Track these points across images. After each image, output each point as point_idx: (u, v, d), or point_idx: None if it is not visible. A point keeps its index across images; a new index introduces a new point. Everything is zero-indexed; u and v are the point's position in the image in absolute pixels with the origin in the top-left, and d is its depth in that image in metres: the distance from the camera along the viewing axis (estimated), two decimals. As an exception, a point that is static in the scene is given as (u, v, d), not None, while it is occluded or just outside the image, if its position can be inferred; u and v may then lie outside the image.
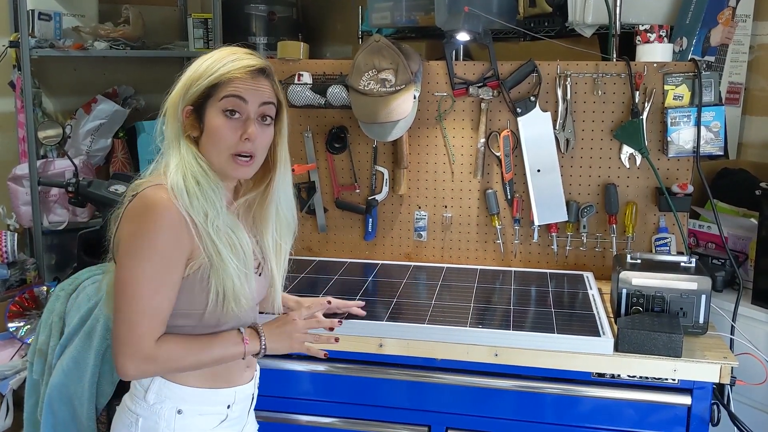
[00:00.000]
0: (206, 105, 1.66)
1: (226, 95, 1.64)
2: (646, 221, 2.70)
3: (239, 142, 1.65)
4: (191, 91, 1.66)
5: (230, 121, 1.65)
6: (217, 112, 1.65)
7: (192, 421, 1.73)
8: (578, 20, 2.72)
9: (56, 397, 2.51)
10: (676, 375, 2.04)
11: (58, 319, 2.66)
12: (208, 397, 1.74)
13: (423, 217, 2.86)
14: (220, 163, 1.67)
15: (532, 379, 2.15)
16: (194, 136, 1.68)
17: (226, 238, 1.65)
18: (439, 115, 2.79)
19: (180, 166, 1.64)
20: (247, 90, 1.66)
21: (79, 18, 4.06)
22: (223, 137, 1.65)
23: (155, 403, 1.71)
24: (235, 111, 1.65)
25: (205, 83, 1.64)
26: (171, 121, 1.69)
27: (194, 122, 1.67)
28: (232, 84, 1.65)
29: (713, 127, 2.56)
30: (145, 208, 1.60)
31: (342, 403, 2.29)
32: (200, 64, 1.68)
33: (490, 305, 2.38)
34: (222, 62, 1.66)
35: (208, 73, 1.65)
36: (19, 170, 3.79)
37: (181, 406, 1.71)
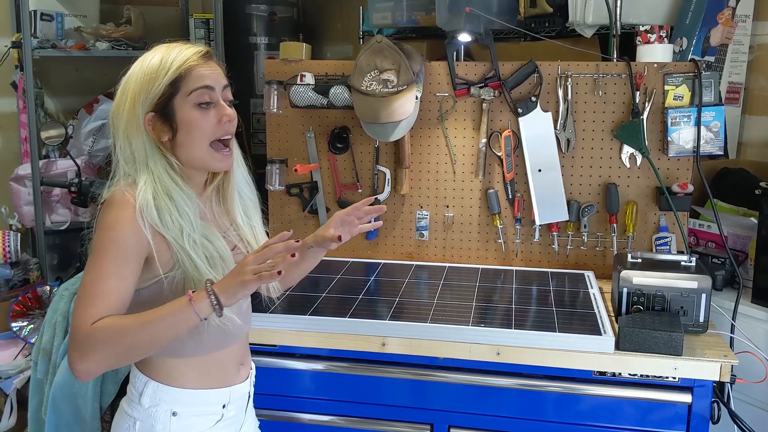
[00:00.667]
0: (172, 103, 1.61)
1: (195, 88, 1.61)
2: (647, 220, 2.71)
3: (218, 128, 1.64)
4: (150, 95, 1.60)
5: (205, 111, 1.63)
6: (189, 106, 1.62)
7: (188, 422, 1.72)
8: (579, 21, 2.72)
9: (60, 397, 2.52)
10: (677, 373, 2.05)
11: (62, 319, 2.66)
12: (203, 398, 1.73)
13: (425, 216, 2.87)
14: (201, 157, 1.65)
15: (533, 378, 2.17)
16: (165, 139, 1.64)
17: (202, 250, 1.63)
18: (440, 115, 2.80)
19: (149, 183, 1.60)
20: (210, 76, 1.63)
21: (81, 18, 4.05)
22: (202, 129, 1.63)
23: (150, 407, 1.70)
24: (208, 101, 1.63)
25: (165, 82, 1.60)
26: (132, 135, 1.63)
27: (162, 125, 1.63)
28: (194, 74, 1.61)
29: (713, 127, 2.57)
30: (108, 208, 1.57)
31: (344, 401, 2.30)
32: (147, 66, 1.62)
33: (491, 304, 2.39)
34: (171, 56, 1.61)
35: (163, 71, 1.60)
36: (21, 170, 3.79)
37: (176, 408, 1.70)
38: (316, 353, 2.26)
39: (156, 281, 1.62)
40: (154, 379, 1.71)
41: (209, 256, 1.63)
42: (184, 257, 1.60)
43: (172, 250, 1.60)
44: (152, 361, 1.71)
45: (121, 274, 1.54)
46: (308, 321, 2.24)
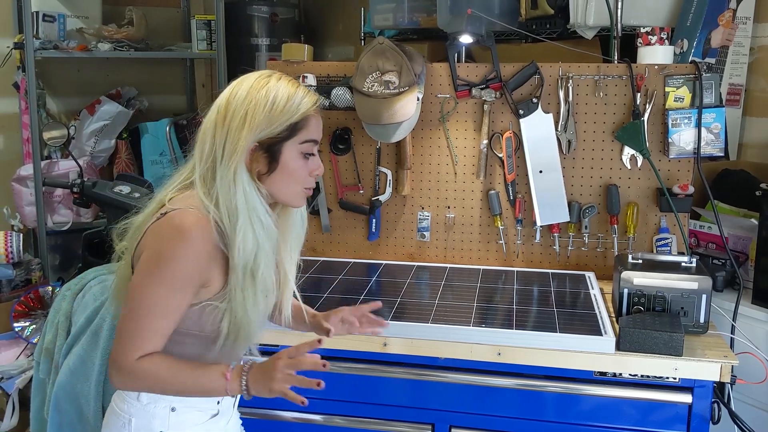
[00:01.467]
0: (282, 144, 1.64)
1: (307, 140, 1.66)
2: (647, 222, 2.72)
3: (308, 178, 1.70)
4: (268, 130, 1.62)
5: (307, 161, 1.68)
6: (296, 153, 1.66)
7: (186, 417, 1.74)
8: (579, 22, 2.73)
9: (63, 396, 2.53)
10: (677, 374, 2.06)
11: (64, 319, 2.67)
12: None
13: (426, 217, 2.88)
14: (288, 198, 1.70)
15: (534, 378, 2.18)
16: (260, 171, 1.66)
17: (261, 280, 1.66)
18: (442, 117, 2.81)
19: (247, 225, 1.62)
20: (318, 130, 1.69)
21: (83, 19, 4.07)
22: (299, 176, 1.68)
23: (149, 403, 1.72)
24: (312, 154, 1.69)
25: (287, 125, 1.63)
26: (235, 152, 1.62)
27: (262, 159, 1.65)
28: (309, 125, 1.66)
29: (714, 129, 2.58)
30: (176, 233, 1.58)
31: (346, 401, 2.30)
32: (273, 100, 1.63)
33: (492, 305, 2.40)
34: (298, 99, 1.64)
35: (288, 112, 1.63)
36: (23, 171, 3.80)
37: (174, 404, 1.72)
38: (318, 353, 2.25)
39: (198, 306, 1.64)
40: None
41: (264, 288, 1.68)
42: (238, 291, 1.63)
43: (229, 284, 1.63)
44: None
45: (176, 311, 1.61)
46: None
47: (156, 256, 1.59)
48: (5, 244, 3.30)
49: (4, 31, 3.97)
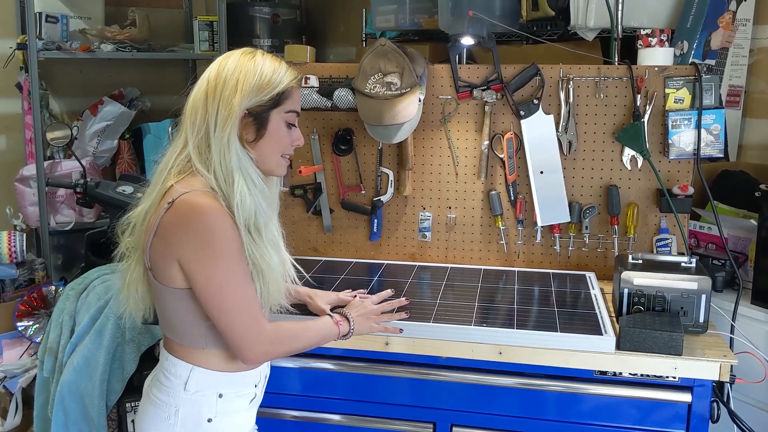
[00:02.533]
0: (269, 113, 1.78)
1: (290, 110, 1.81)
2: (648, 222, 2.73)
3: (289, 147, 1.84)
4: (257, 98, 1.74)
5: (290, 130, 1.83)
6: (280, 121, 1.80)
7: (232, 403, 1.82)
8: (580, 24, 2.74)
9: (67, 395, 2.54)
10: (677, 373, 2.07)
11: (68, 318, 2.69)
12: (240, 379, 1.83)
13: (427, 217, 2.90)
14: (271, 165, 1.82)
15: (535, 377, 2.19)
16: (248, 138, 1.77)
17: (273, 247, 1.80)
18: (443, 118, 2.83)
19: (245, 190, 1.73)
20: (299, 103, 1.86)
21: (86, 20, 4.08)
22: (284, 144, 1.82)
23: (197, 391, 1.78)
24: (293, 124, 1.84)
25: (274, 93, 1.76)
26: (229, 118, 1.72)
27: (251, 126, 1.77)
28: (293, 96, 1.81)
29: (713, 130, 2.59)
30: (200, 212, 1.67)
31: (348, 400, 2.32)
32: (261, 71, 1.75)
33: (493, 304, 2.41)
34: (279, 72, 1.78)
35: (275, 81, 1.76)
36: (26, 171, 3.81)
37: (222, 390, 1.80)
38: (320, 352, 2.27)
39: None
40: (200, 366, 1.79)
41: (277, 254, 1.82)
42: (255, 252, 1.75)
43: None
44: (195, 351, 1.79)
45: (249, 277, 1.74)
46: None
47: (201, 242, 1.67)
48: (9, 244, 3.32)
49: (7, 31, 3.98)
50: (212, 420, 1.79)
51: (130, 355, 2.58)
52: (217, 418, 1.80)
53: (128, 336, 2.58)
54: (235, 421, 1.84)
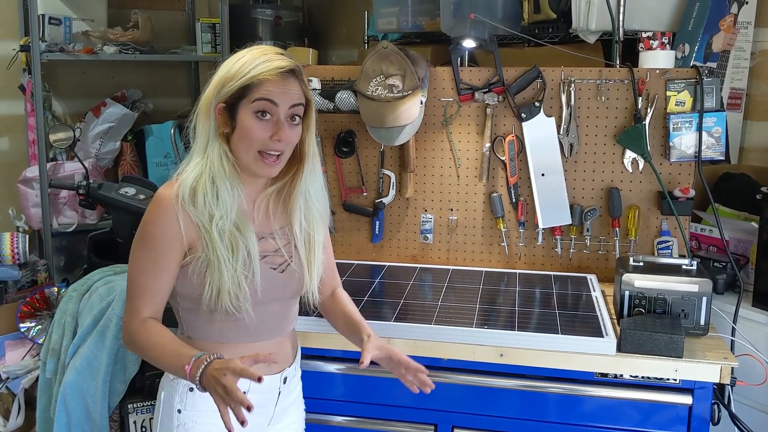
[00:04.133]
0: (239, 104, 1.71)
1: (258, 98, 1.69)
2: (649, 224, 2.74)
3: (269, 141, 1.71)
4: (224, 89, 1.72)
5: (261, 122, 1.71)
6: (249, 112, 1.71)
7: (202, 400, 1.76)
8: (582, 27, 2.74)
9: (70, 395, 2.55)
10: (678, 375, 2.08)
11: (71, 319, 2.70)
12: None
13: (429, 219, 2.90)
14: (248, 161, 1.73)
15: (536, 379, 2.19)
16: (226, 132, 1.74)
17: (229, 239, 1.72)
18: (445, 120, 2.83)
19: (199, 165, 1.73)
20: (278, 93, 1.70)
21: (89, 22, 4.08)
22: (254, 137, 1.71)
23: (174, 379, 1.82)
24: (265, 112, 1.71)
25: (238, 84, 1.69)
26: (203, 118, 1.75)
27: (226, 119, 1.73)
28: (264, 86, 1.69)
29: (714, 133, 2.60)
30: (151, 203, 1.75)
31: (349, 401, 2.33)
32: (233, 64, 1.73)
33: (495, 306, 2.42)
34: (254, 63, 1.70)
35: (240, 73, 1.70)
36: (29, 172, 3.81)
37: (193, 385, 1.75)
38: (322, 354, 2.29)
39: (185, 263, 1.74)
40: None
41: (234, 247, 1.72)
42: (209, 242, 1.71)
43: (200, 235, 1.71)
44: (185, 340, 1.81)
45: (157, 270, 1.73)
46: (314, 322, 2.26)
47: (139, 227, 1.75)
48: (11, 245, 3.32)
49: (10, 33, 3.98)
50: (181, 412, 1.80)
51: (132, 356, 2.59)
52: (186, 412, 1.80)
53: (130, 337, 2.58)
54: (207, 419, 1.80)
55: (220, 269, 1.70)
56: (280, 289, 1.84)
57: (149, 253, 1.73)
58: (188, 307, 1.79)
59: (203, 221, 1.70)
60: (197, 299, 1.75)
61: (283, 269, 1.83)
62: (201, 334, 1.81)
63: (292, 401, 2.00)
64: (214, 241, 1.70)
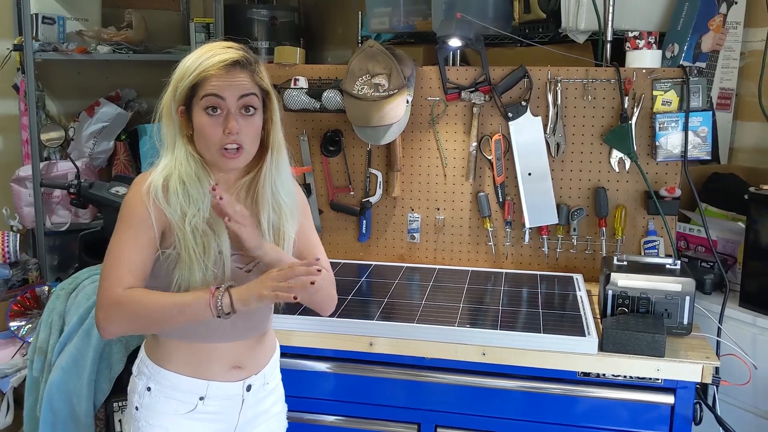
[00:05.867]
0: (192, 104, 1.71)
1: (205, 94, 1.68)
2: (636, 224, 2.74)
3: (223, 137, 1.69)
4: (178, 91, 1.71)
5: (212, 118, 1.69)
6: (200, 110, 1.69)
7: (158, 401, 1.78)
8: (571, 27, 2.75)
9: (56, 395, 2.55)
10: (660, 374, 2.08)
11: (58, 318, 2.70)
12: (178, 384, 1.78)
13: (416, 219, 2.90)
14: (211, 157, 1.72)
15: (518, 378, 2.19)
16: (189, 134, 1.73)
17: (201, 237, 1.70)
18: (432, 119, 2.84)
19: (168, 166, 1.73)
20: (223, 86, 1.68)
21: (83, 22, 4.09)
22: (209, 134, 1.69)
23: (135, 375, 1.83)
24: (216, 108, 1.69)
25: (187, 83, 1.69)
26: (166, 122, 1.75)
27: (187, 121, 1.73)
28: (209, 82, 1.67)
29: (701, 132, 2.60)
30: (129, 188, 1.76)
31: (332, 400, 2.33)
32: (182, 65, 1.73)
33: (480, 306, 2.42)
34: (199, 61, 1.69)
35: (188, 73, 1.69)
36: (22, 172, 3.82)
37: (150, 385, 1.79)
38: (305, 352, 2.29)
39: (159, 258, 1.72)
40: (145, 352, 1.83)
41: (206, 245, 1.71)
42: (181, 239, 1.70)
43: (173, 230, 1.70)
44: (149, 336, 1.83)
45: (137, 244, 1.69)
46: (297, 320, 2.27)
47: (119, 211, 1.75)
48: (2, 244, 3.33)
49: (3, 33, 3.99)
50: (138, 410, 1.80)
51: (118, 355, 2.59)
52: (142, 411, 1.79)
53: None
54: (163, 423, 1.79)
55: (190, 267, 1.69)
56: None
57: (129, 230, 1.70)
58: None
59: (175, 219, 1.69)
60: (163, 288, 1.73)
61: (250, 269, 1.78)
62: (167, 332, 1.77)
63: (264, 410, 1.93)
64: (186, 239, 1.69)
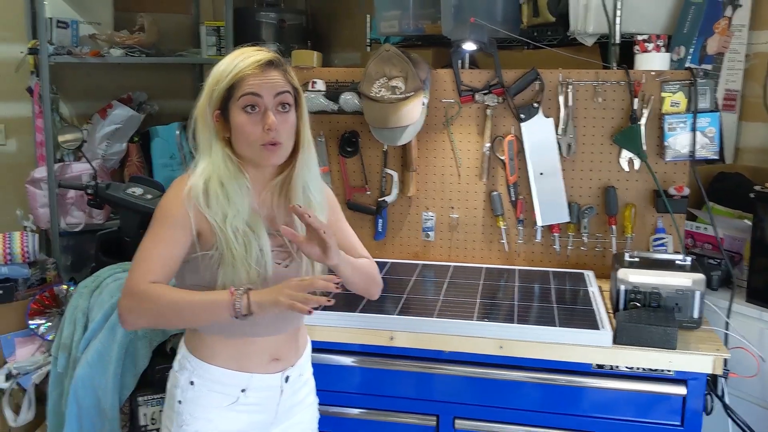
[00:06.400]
0: (229, 106, 1.77)
1: (242, 94, 1.75)
2: (645, 222, 2.80)
3: (264, 134, 1.76)
4: (214, 96, 1.78)
5: (251, 116, 1.76)
6: (238, 110, 1.76)
7: (202, 394, 1.84)
8: (580, 30, 2.80)
9: (81, 389, 2.60)
10: (672, 366, 2.14)
11: (81, 315, 2.75)
12: (220, 377, 1.85)
13: (431, 217, 2.96)
14: (252, 155, 1.79)
15: (535, 371, 2.25)
16: (227, 136, 1.80)
17: (242, 237, 1.76)
18: (446, 121, 2.89)
19: (206, 170, 1.79)
20: (260, 85, 1.75)
21: (95, 26, 4.12)
22: (248, 132, 1.76)
23: (177, 371, 1.89)
24: (254, 106, 1.76)
25: (223, 86, 1.76)
26: (201, 127, 1.81)
27: (224, 124, 1.79)
28: (246, 82, 1.75)
29: (708, 133, 2.66)
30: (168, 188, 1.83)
31: (354, 393, 2.38)
32: (216, 70, 1.80)
33: (495, 301, 2.48)
34: (234, 63, 1.77)
35: (223, 76, 1.76)
36: (37, 173, 3.85)
37: (193, 378, 1.85)
38: (327, 347, 2.34)
39: (195, 257, 1.78)
40: (186, 347, 1.88)
41: (248, 244, 1.76)
42: (223, 240, 1.75)
43: (214, 232, 1.75)
44: (188, 331, 1.89)
45: (168, 242, 1.75)
46: (319, 316, 2.31)
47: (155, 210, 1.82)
48: (22, 244, 3.36)
49: (18, 37, 4.02)
50: (182, 403, 1.85)
51: (143, 351, 2.64)
52: (186, 404, 1.85)
53: (140, 332, 2.63)
54: (207, 415, 1.85)
55: (234, 266, 1.75)
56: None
57: (164, 229, 1.76)
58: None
59: (217, 221, 1.75)
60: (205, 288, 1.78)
61: (287, 264, 1.85)
62: (208, 328, 1.84)
63: (299, 401, 2.01)
64: (229, 240, 1.74)
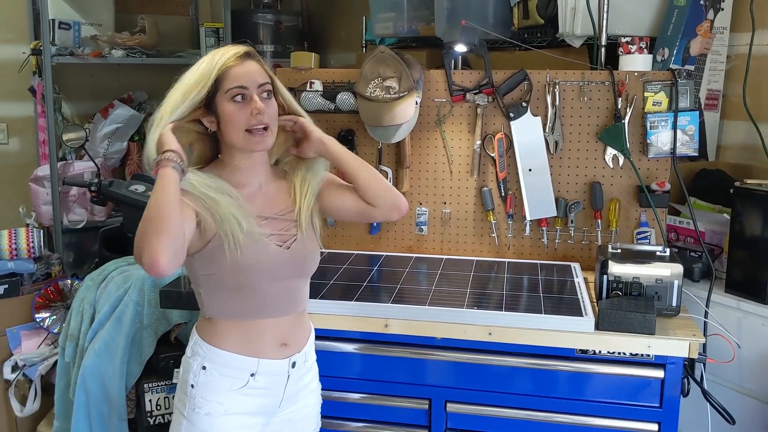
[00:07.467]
0: (215, 99, 1.86)
1: (230, 87, 1.84)
2: (629, 216, 2.89)
3: (251, 118, 1.86)
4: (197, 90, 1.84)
5: (239, 104, 1.86)
6: (226, 101, 1.85)
7: (213, 378, 1.93)
8: (568, 32, 2.87)
9: (89, 377, 2.69)
10: (650, 351, 2.24)
11: (88, 306, 2.84)
12: (230, 361, 1.93)
13: (424, 212, 3.05)
14: (240, 141, 1.88)
15: (522, 356, 2.34)
16: (214, 129, 1.90)
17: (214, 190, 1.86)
18: (438, 119, 2.98)
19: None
20: (244, 77, 1.86)
21: (97, 27, 4.19)
22: (237, 118, 1.86)
23: (190, 357, 1.97)
24: (242, 96, 1.86)
25: (210, 82, 1.83)
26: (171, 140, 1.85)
27: (210, 117, 1.89)
28: (231, 75, 1.85)
29: (688, 131, 2.76)
30: None
31: (350, 378, 2.47)
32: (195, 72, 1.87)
33: (485, 291, 2.57)
34: (214, 60, 1.86)
35: (207, 73, 1.84)
36: (40, 171, 3.90)
37: (205, 363, 1.93)
38: (325, 334, 2.41)
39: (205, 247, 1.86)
40: (198, 334, 1.96)
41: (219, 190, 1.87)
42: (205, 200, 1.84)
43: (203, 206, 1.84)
44: (201, 319, 1.97)
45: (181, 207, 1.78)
46: (317, 304, 2.40)
47: None
48: (27, 240, 3.43)
49: (20, 38, 4.09)
50: (194, 387, 1.93)
51: (148, 340, 2.72)
52: (198, 388, 1.93)
53: (146, 322, 2.72)
54: (218, 398, 1.91)
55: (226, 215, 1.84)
56: (288, 264, 1.95)
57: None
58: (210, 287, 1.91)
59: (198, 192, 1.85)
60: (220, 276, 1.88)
61: (288, 246, 1.94)
62: (220, 312, 1.93)
63: (304, 385, 2.07)
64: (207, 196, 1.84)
